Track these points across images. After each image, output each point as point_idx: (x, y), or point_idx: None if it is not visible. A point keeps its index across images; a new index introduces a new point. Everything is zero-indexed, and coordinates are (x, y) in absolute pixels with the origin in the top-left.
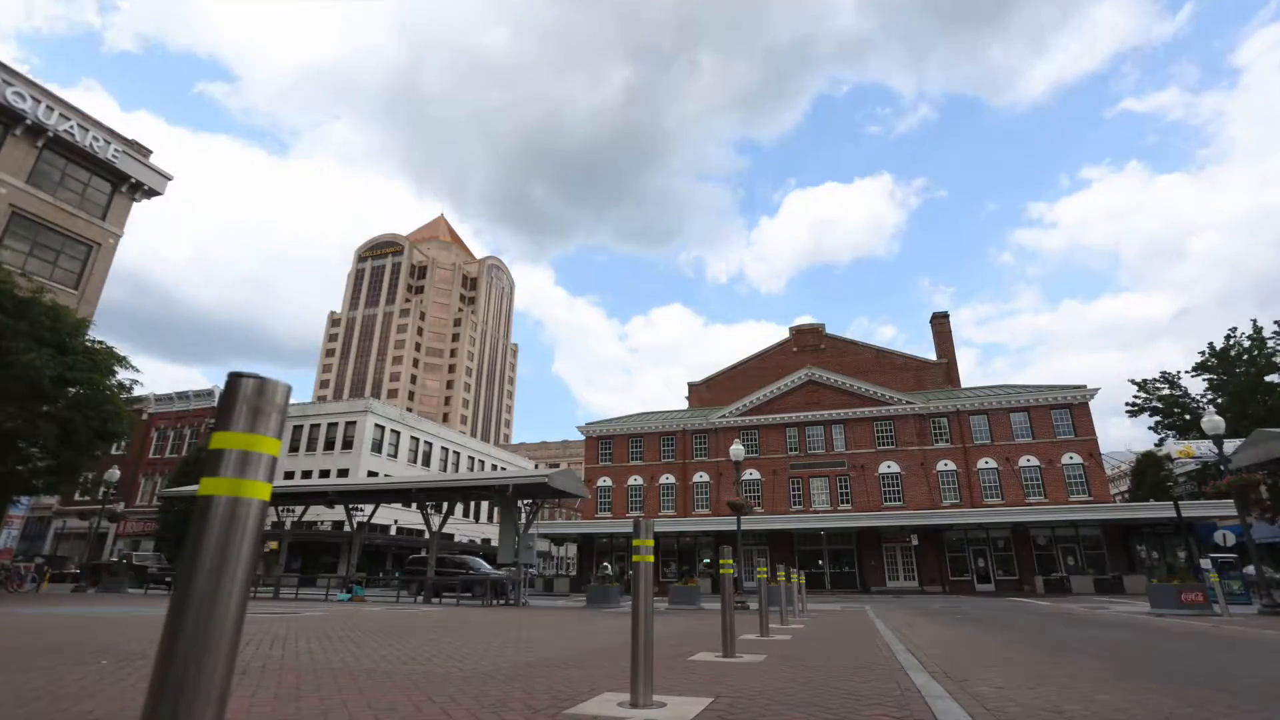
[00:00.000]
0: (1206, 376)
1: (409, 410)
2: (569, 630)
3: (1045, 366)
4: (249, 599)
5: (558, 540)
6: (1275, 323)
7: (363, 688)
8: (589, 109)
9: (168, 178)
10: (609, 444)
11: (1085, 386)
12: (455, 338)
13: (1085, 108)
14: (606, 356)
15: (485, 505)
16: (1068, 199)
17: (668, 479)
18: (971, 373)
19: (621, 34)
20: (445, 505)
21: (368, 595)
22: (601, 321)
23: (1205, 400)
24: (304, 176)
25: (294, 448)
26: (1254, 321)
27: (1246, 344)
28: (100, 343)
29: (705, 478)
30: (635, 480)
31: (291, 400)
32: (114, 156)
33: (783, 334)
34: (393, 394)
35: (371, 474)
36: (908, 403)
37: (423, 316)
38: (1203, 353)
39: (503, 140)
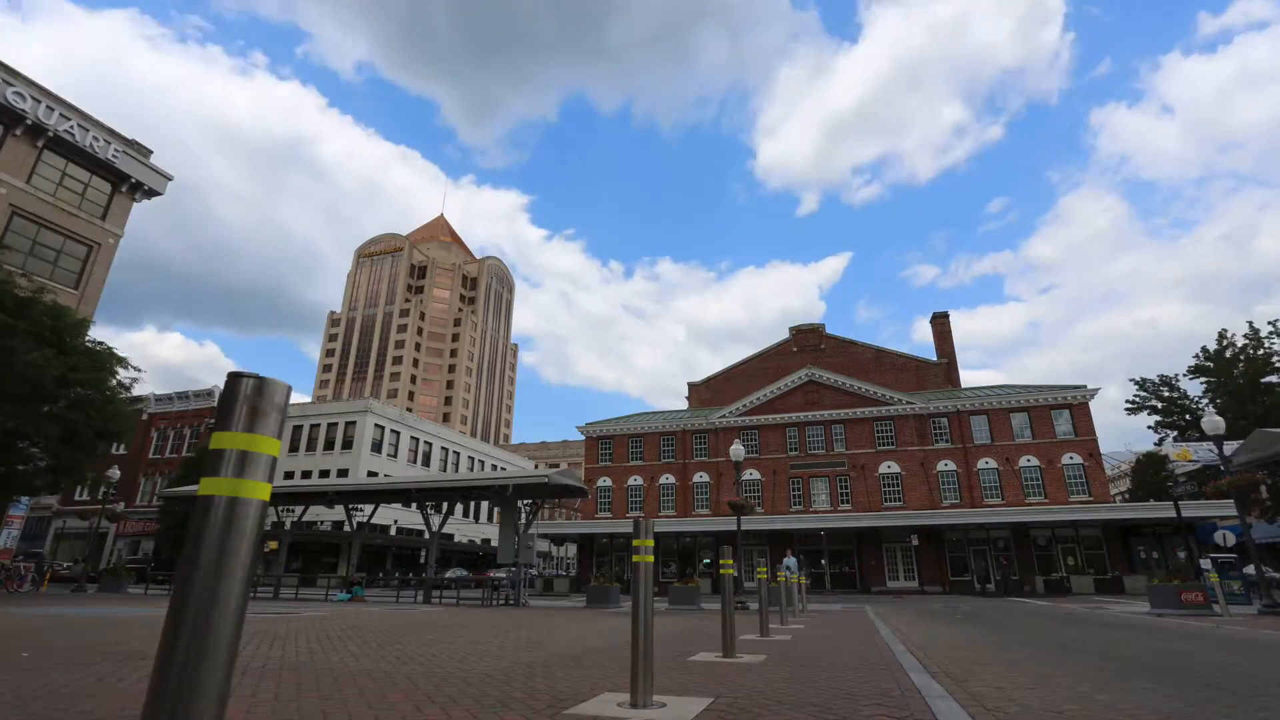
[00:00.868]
0: (1204, 380)
1: (409, 410)
2: (569, 630)
3: (1131, 315)
4: (249, 599)
5: (558, 540)
6: (1270, 323)
7: (363, 688)
8: None
9: (168, 178)
10: (609, 444)
11: (1085, 386)
12: (455, 338)
13: None
14: (595, 311)
15: (485, 505)
16: (1199, 59)
17: (668, 479)
18: (1019, 337)
19: None
20: (445, 505)
21: (367, 595)
22: (582, 260)
23: (1204, 401)
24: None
25: (294, 448)
26: (1250, 324)
27: (1241, 343)
28: (100, 343)
29: (705, 478)
30: (635, 480)
31: (291, 400)
32: (114, 156)
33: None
34: (393, 394)
35: (371, 474)
36: (908, 403)
37: (423, 316)
38: (1197, 356)
39: None
